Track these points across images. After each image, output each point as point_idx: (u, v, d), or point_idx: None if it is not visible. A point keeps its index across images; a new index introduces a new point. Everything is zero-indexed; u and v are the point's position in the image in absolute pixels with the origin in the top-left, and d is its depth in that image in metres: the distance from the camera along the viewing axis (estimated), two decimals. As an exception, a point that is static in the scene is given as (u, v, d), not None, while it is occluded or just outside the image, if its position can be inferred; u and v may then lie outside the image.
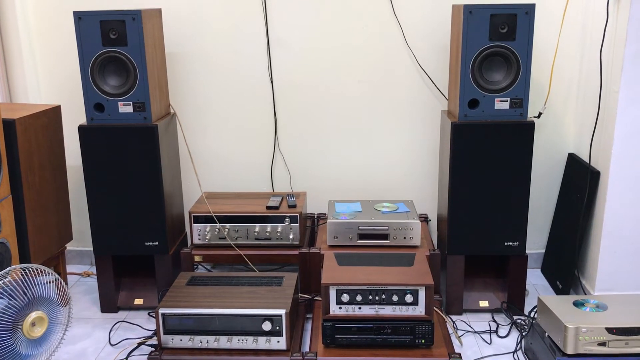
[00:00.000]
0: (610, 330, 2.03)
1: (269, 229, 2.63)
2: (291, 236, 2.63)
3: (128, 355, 2.37)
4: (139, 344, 2.43)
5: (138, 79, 2.46)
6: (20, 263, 2.40)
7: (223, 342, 2.19)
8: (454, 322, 2.57)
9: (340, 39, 2.86)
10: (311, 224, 2.92)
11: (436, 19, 2.81)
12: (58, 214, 2.75)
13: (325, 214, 2.99)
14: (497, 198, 2.50)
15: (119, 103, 2.49)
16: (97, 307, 2.76)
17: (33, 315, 2.08)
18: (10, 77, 2.88)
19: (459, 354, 2.14)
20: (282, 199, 2.77)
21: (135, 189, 2.55)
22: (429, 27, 2.82)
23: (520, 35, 2.36)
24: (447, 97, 2.83)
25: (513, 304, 2.62)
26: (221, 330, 2.19)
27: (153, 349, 2.22)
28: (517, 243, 2.55)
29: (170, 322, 2.20)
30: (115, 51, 2.44)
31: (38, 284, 2.10)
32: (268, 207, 2.66)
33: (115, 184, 2.55)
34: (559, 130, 2.90)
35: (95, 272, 2.90)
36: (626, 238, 2.51)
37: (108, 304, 2.71)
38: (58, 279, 2.18)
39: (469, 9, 2.35)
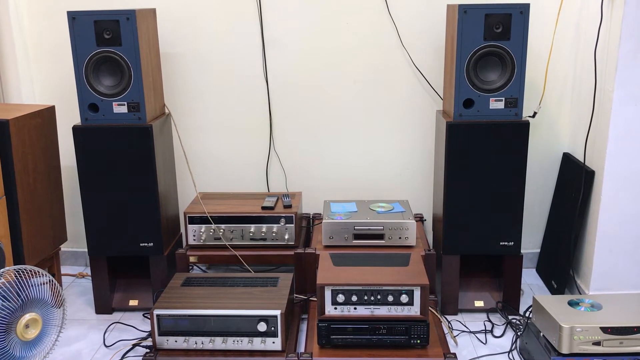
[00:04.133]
0: (605, 330, 2.03)
1: (264, 230, 2.63)
2: (286, 236, 2.62)
3: (123, 357, 2.37)
4: (134, 345, 2.42)
5: (132, 79, 2.46)
6: (15, 264, 2.39)
7: (218, 343, 2.19)
8: (449, 322, 2.57)
9: (335, 39, 2.86)
10: (306, 224, 2.92)
11: (431, 19, 2.81)
12: (52, 215, 2.73)
13: (320, 214, 2.99)
14: (492, 198, 2.51)
15: (114, 103, 2.49)
16: (91, 309, 2.75)
17: (27, 316, 2.07)
18: (4, 77, 2.87)
19: (454, 354, 2.14)
20: (277, 199, 2.76)
21: (130, 189, 2.55)
22: (424, 27, 2.82)
23: (515, 35, 2.36)
24: (442, 96, 2.83)
25: (508, 303, 2.63)
26: (216, 331, 2.19)
27: (148, 350, 2.21)
28: (512, 243, 2.55)
29: (165, 323, 2.19)
30: (110, 51, 2.43)
31: (32, 286, 2.09)
32: (263, 208, 2.66)
33: (110, 184, 2.54)
34: (553, 129, 2.91)
35: (89, 273, 2.89)
36: (621, 237, 2.51)
37: (103, 305, 2.71)
38: (52, 281, 2.17)
39: (463, 9, 2.35)
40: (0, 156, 2.36)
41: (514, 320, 2.54)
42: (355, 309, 2.17)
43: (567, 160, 2.84)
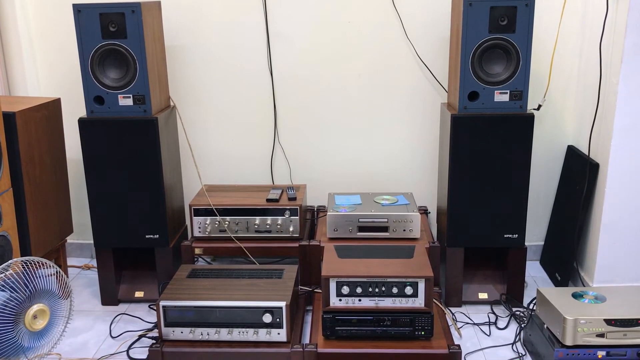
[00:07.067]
0: (608, 322, 2.04)
1: (269, 222, 2.64)
2: (291, 229, 2.63)
3: (129, 348, 2.38)
4: (140, 337, 2.44)
5: (138, 71, 2.46)
6: (21, 256, 2.41)
7: (224, 334, 2.20)
8: (453, 314, 2.58)
9: (340, 32, 2.86)
10: (311, 217, 2.93)
11: (436, 12, 2.80)
12: (58, 207, 2.75)
13: (325, 206, 3.00)
14: (497, 190, 2.51)
15: (119, 96, 2.49)
16: (97, 300, 2.77)
17: (35, 307, 2.09)
18: (10, 69, 2.88)
19: (458, 346, 2.15)
20: (282, 192, 2.77)
21: (135, 181, 2.56)
22: (429, 20, 2.82)
23: (520, 28, 2.36)
24: (447, 89, 2.83)
25: (512, 295, 2.63)
26: (222, 323, 2.20)
27: (154, 341, 2.23)
28: (517, 235, 2.56)
29: (171, 315, 2.21)
30: (115, 44, 2.43)
31: (39, 277, 2.11)
32: (268, 200, 2.67)
33: (116, 176, 2.55)
34: (558, 122, 2.91)
35: (95, 265, 2.91)
36: (625, 230, 2.52)
37: (109, 297, 2.72)
38: (59, 272, 2.19)
39: (468, 2, 2.34)
40: (7, 148, 2.37)
41: (517, 313, 2.55)
42: (359, 300, 2.18)
43: (572, 153, 2.84)
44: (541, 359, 2.18)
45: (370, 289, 2.17)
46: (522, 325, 2.44)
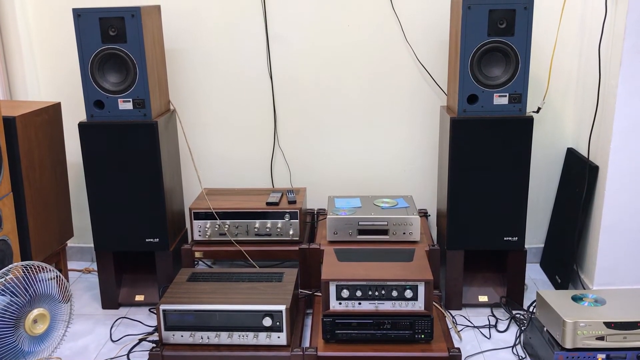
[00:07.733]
0: (608, 325, 2.04)
1: (269, 225, 2.64)
2: (291, 232, 2.64)
3: (129, 352, 2.39)
4: (140, 340, 2.44)
5: (138, 75, 2.47)
6: (22, 260, 2.41)
7: (224, 337, 2.20)
8: (453, 317, 2.58)
9: (340, 35, 2.86)
10: (311, 220, 2.93)
11: (435, 15, 2.81)
12: (59, 211, 2.75)
13: (325, 209, 3.00)
14: (496, 193, 2.51)
15: (119, 100, 2.50)
16: (98, 304, 2.77)
17: (35, 312, 2.10)
18: (10, 74, 2.89)
19: (459, 349, 2.15)
20: (282, 195, 2.78)
21: (135, 185, 2.56)
22: (428, 23, 2.82)
23: (519, 31, 2.36)
24: (446, 92, 2.84)
25: (512, 298, 2.63)
26: (222, 326, 2.20)
27: (154, 345, 2.23)
28: (516, 238, 2.56)
29: (171, 318, 2.21)
30: (115, 48, 2.44)
31: (39, 281, 2.11)
32: (268, 203, 2.67)
33: (116, 180, 2.56)
34: (557, 125, 2.91)
35: (96, 268, 2.91)
36: (625, 233, 2.52)
37: (109, 301, 2.73)
38: (59, 276, 2.19)
39: (467, 5, 2.35)
40: (7, 153, 2.38)
41: (517, 315, 2.55)
42: (359, 304, 2.18)
43: (571, 156, 2.84)
44: (541, 362, 2.19)
45: (370, 292, 2.17)
46: (522, 328, 2.44)
